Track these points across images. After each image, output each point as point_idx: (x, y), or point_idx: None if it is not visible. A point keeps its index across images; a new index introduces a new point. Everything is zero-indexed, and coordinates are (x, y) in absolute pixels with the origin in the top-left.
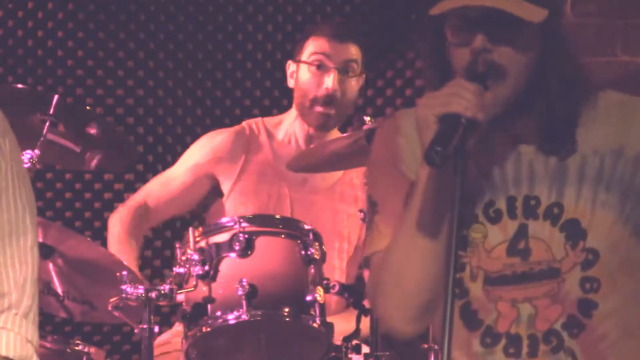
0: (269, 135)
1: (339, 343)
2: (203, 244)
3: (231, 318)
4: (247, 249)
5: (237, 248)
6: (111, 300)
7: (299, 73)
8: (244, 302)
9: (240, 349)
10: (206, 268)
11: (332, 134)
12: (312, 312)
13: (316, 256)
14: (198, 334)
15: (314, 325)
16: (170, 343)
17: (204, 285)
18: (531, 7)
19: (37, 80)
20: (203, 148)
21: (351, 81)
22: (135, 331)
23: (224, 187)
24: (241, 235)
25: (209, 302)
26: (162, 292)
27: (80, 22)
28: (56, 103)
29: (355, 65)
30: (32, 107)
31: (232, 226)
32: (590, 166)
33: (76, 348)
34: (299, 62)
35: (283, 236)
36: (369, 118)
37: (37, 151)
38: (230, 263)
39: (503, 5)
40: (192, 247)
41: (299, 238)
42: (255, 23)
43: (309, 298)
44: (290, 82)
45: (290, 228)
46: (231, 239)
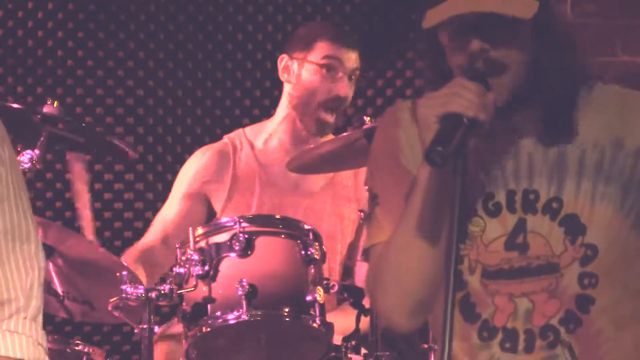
0: (252, 146)
1: (339, 343)
2: (203, 244)
3: (231, 318)
4: (247, 249)
5: (237, 248)
6: (111, 300)
7: (303, 71)
8: (244, 302)
9: (240, 349)
10: (206, 268)
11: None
12: (312, 312)
13: (316, 256)
14: (198, 334)
15: (314, 325)
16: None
17: (204, 285)
18: (520, 2)
19: (37, 80)
20: (190, 173)
21: (352, 87)
22: (135, 331)
23: (216, 207)
24: (241, 235)
25: (209, 302)
26: (162, 292)
27: (80, 22)
28: (55, 109)
29: (358, 72)
30: (31, 112)
31: (232, 226)
32: (589, 159)
33: (76, 348)
34: (304, 61)
35: (283, 236)
36: (369, 118)
37: (37, 151)
38: (230, 263)
39: (493, 7)
40: (192, 247)
41: (299, 238)
42: (255, 23)
43: (309, 298)
44: (283, 77)
45: (290, 228)
46: (231, 239)
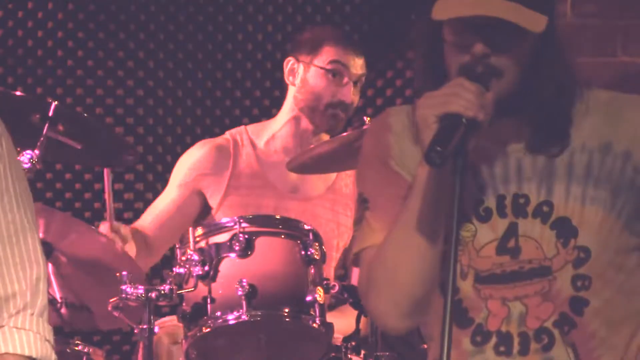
0: (254, 145)
1: (339, 343)
2: (203, 244)
3: (231, 318)
4: (247, 249)
5: (237, 248)
6: (111, 300)
7: (309, 75)
8: (244, 303)
9: (240, 349)
10: (206, 268)
11: (323, 137)
12: (312, 313)
13: (316, 256)
14: (198, 334)
15: (314, 325)
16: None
17: (204, 285)
18: (532, 15)
19: (37, 80)
20: (185, 165)
21: (358, 93)
22: (135, 331)
23: (212, 202)
24: (241, 235)
25: (209, 302)
26: (162, 292)
27: (80, 22)
28: (55, 108)
29: (364, 78)
30: (31, 111)
31: (232, 226)
32: (578, 163)
33: (76, 348)
34: (310, 65)
35: (283, 236)
36: (369, 118)
37: (37, 151)
38: (230, 263)
39: (508, 15)
40: (192, 248)
41: (299, 238)
42: (255, 23)
43: (309, 298)
44: (289, 80)
45: (290, 228)
46: (231, 239)
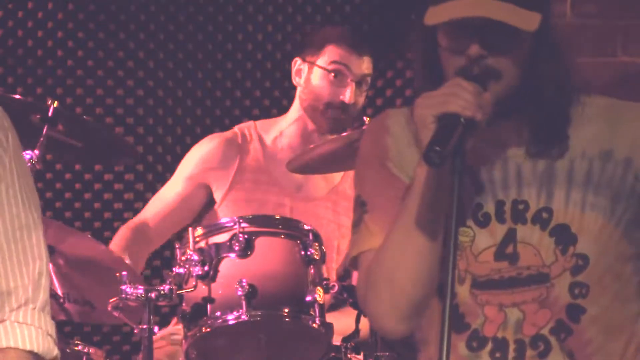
0: (262, 140)
1: (339, 343)
2: (203, 245)
3: (231, 318)
4: (247, 250)
5: (237, 248)
6: (111, 300)
7: (312, 75)
8: (244, 303)
9: (239, 349)
10: (206, 268)
11: (329, 138)
12: (312, 313)
13: (316, 256)
14: (198, 334)
15: (314, 325)
16: (165, 338)
17: (204, 285)
18: (525, 14)
19: (37, 80)
20: (194, 158)
21: (363, 94)
22: (135, 331)
23: (217, 195)
24: (241, 235)
25: (209, 303)
26: (162, 293)
27: (80, 22)
28: (55, 108)
29: (369, 79)
30: (31, 112)
31: (232, 226)
32: (578, 170)
33: (76, 348)
34: (313, 65)
35: (283, 236)
36: (369, 118)
37: (37, 151)
38: (229, 263)
39: (499, 15)
40: (192, 248)
41: (299, 238)
42: (255, 23)
43: (309, 298)
44: (295, 80)
45: (289, 228)
46: (231, 240)
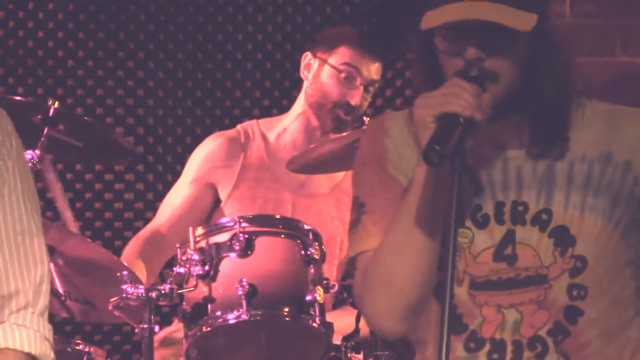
0: (265, 138)
1: (339, 342)
2: (203, 244)
3: (231, 318)
4: (247, 249)
5: (237, 248)
6: (112, 300)
7: (321, 72)
8: (244, 302)
9: (240, 349)
10: (206, 268)
11: (331, 135)
12: (312, 312)
13: (316, 256)
14: (198, 334)
15: (314, 325)
16: (168, 338)
17: (204, 285)
18: (521, 15)
19: (38, 81)
20: (198, 159)
21: (369, 98)
22: (135, 331)
23: (222, 194)
24: (241, 235)
25: (209, 302)
26: (163, 292)
27: (80, 23)
28: (56, 109)
29: (377, 85)
30: (32, 112)
31: (232, 226)
32: (578, 171)
33: (77, 347)
34: (325, 62)
35: (283, 236)
36: (369, 118)
37: (38, 151)
38: (230, 263)
39: (494, 17)
40: (192, 247)
41: (299, 238)
42: (255, 23)
43: (309, 298)
44: (303, 74)
45: (290, 228)
46: (231, 239)
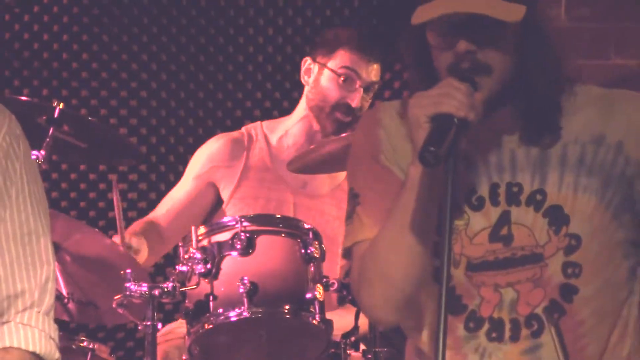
0: (267, 140)
1: (338, 339)
2: (205, 243)
3: (233, 315)
4: (248, 248)
5: (239, 247)
6: (115, 297)
7: (321, 77)
8: (245, 300)
9: (241, 346)
10: (208, 266)
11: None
12: (312, 310)
13: (316, 255)
14: (200, 331)
15: (314, 322)
16: (172, 332)
17: (206, 283)
18: (510, 6)
19: (43, 82)
20: (202, 158)
21: (369, 99)
22: (139, 328)
23: (224, 194)
24: (242, 234)
25: (211, 300)
26: (165, 290)
27: (84, 26)
28: (61, 110)
29: (376, 86)
30: (37, 113)
31: (234, 225)
32: (571, 153)
33: (81, 345)
34: (324, 66)
35: (283, 235)
36: None
37: (43, 152)
38: (231, 261)
39: (482, 9)
40: (195, 246)
41: (299, 237)
42: (256, 26)
43: (309, 296)
44: (304, 79)
45: (290, 227)
46: (233, 238)
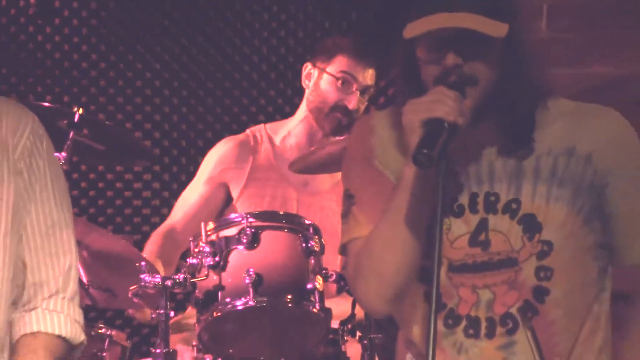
0: (271, 141)
1: (336, 326)
2: (214, 238)
3: (239, 304)
4: (254, 242)
5: (245, 241)
6: (131, 288)
7: (321, 80)
8: (251, 290)
9: (247, 332)
10: (217, 259)
11: (332, 138)
12: (312, 299)
13: (316, 248)
14: (210, 319)
15: (314, 310)
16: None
17: (215, 274)
18: (494, 23)
19: (64, 89)
20: (212, 160)
21: (365, 102)
22: (152, 316)
23: (234, 193)
24: (248, 229)
25: (219, 290)
26: (177, 281)
27: (102, 37)
28: (80, 115)
29: (372, 89)
30: (59, 118)
31: (240, 221)
32: (544, 165)
33: (100, 331)
34: (323, 71)
35: (286, 230)
36: None
37: (64, 153)
38: (238, 254)
39: (470, 24)
40: (204, 240)
41: (300, 232)
42: (260, 37)
43: (309, 286)
44: (305, 82)
45: (292, 223)
46: (239, 233)
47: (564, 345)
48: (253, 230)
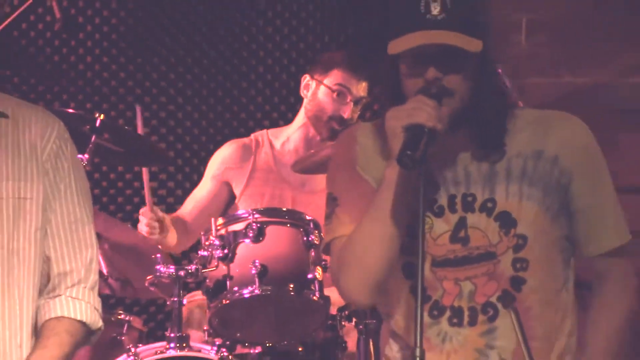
0: (272, 145)
1: (335, 312)
2: (223, 232)
3: (246, 292)
4: (259, 236)
5: (251, 235)
6: (148, 278)
7: (318, 91)
8: (257, 280)
9: (253, 318)
10: (225, 251)
11: (328, 143)
12: (313, 288)
13: (316, 242)
14: (219, 306)
15: (314, 298)
16: (193, 296)
17: (224, 265)
18: (470, 40)
19: (86, 97)
20: (217, 160)
21: (358, 111)
22: (167, 303)
23: (236, 191)
24: (254, 224)
25: (228, 279)
26: (189, 271)
27: (121, 49)
28: (102, 120)
29: (364, 100)
30: (82, 123)
31: (247, 217)
32: (515, 166)
33: (119, 317)
34: (320, 83)
35: (289, 225)
36: None
37: (87, 155)
38: (245, 247)
39: (449, 40)
40: (214, 234)
41: (302, 227)
42: (265, 49)
43: (310, 276)
44: (303, 92)
45: (294, 219)
46: (246, 228)
47: (540, 329)
48: (259, 225)
